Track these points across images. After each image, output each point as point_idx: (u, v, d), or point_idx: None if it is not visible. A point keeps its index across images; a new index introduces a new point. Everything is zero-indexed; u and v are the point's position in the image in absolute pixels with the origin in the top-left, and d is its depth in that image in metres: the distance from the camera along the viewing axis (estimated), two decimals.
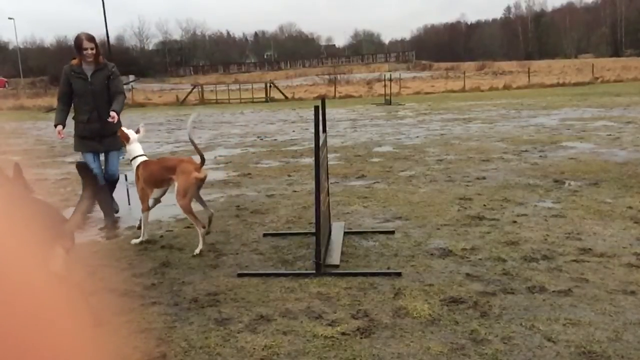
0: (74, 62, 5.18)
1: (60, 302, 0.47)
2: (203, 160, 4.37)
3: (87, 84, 5.13)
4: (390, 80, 24.23)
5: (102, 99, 5.16)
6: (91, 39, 5.15)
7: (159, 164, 4.57)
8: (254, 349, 2.69)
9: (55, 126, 5.13)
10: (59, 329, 0.45)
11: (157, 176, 4.49)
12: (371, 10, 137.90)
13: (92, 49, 5.09)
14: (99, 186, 5.20)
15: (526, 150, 8.40)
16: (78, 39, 5.12)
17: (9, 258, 0.43)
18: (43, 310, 0.44)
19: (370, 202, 5.59)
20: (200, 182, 4.37)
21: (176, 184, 4.33)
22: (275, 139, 11.70)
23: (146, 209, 4.59)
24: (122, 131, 4.80)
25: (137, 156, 4.67)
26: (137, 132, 4.83)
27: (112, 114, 5.03)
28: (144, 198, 4.56)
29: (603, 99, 18.02)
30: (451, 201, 5.46)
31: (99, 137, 5.18)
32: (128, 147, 4.75)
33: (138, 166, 4.64)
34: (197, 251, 4.23)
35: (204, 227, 4.30)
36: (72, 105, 5.22)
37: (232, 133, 13.60)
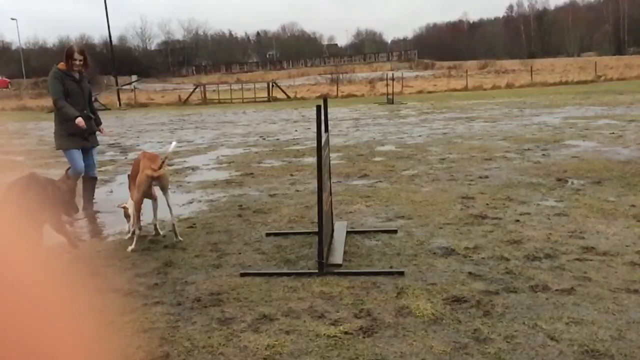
0: (61, 66, 5.55)
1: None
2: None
3: (78, 86, 5.62)
4: (393, 79, 24.18)
5: (87, 101, 5.76)
6: (82, 51, 5.62)
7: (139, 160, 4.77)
8: (257, 348, 2.69)
9: (75, 118, 5.44)
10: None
11: (136, 169, 4.72)
12: (373, 9, 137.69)
13: (80, 60, 5.55)
14: (92, 177, 5.76)
15: (529, 149, 8.38)
16: (70, 49, 5.60)
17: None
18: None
19: (373, 202, 5.59)
20: (153, 179, 4.46)
21: None
22: (278, 139, 11.71)
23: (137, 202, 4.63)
24: None
25: None
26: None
27: (103, 128, 6.00)
28: (130, 189, 4.78)
29: (606, 98, 17.98)
30: (454, 200, 5.45)
31: (87, 134, 5.69)
32: None
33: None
34: (130, 248, 4.36)
35: (140, 229, 4.54)
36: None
37: (234, 133, 13.60)
